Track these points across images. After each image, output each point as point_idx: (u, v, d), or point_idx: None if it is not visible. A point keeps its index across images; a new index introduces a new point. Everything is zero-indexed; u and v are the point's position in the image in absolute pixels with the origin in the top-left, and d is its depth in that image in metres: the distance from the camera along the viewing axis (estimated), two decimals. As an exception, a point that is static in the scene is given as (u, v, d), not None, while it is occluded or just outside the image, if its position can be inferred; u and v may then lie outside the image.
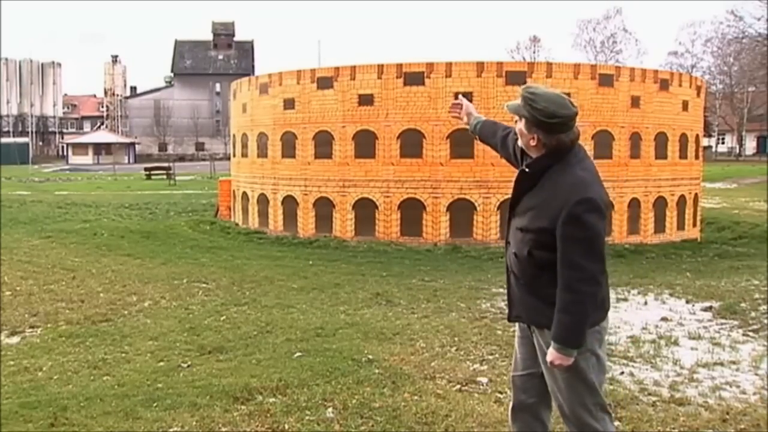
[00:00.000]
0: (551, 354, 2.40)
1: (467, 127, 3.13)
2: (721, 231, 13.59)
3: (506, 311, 2.81)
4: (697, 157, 13.02)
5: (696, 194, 13.00)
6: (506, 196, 2.37)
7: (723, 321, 6.03)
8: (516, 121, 2.51)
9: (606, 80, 11.26)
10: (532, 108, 2.40)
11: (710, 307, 6.53)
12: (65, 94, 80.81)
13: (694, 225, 12.96)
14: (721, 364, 4.72)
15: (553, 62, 12.32)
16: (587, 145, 10.76)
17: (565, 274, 2.36)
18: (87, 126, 78.16)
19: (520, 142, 2.57)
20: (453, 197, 10.95)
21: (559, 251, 2.38)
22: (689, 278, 8.29)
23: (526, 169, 2.52)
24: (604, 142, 11.18)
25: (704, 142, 21.10)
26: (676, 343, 5.28)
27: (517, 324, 2.74)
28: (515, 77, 10.79)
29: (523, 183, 2.54)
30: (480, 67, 10.88)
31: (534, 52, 61.20)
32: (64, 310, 6.20)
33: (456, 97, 3.30)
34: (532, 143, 2.45)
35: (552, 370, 2.46)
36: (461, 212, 10.92)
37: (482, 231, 10.89)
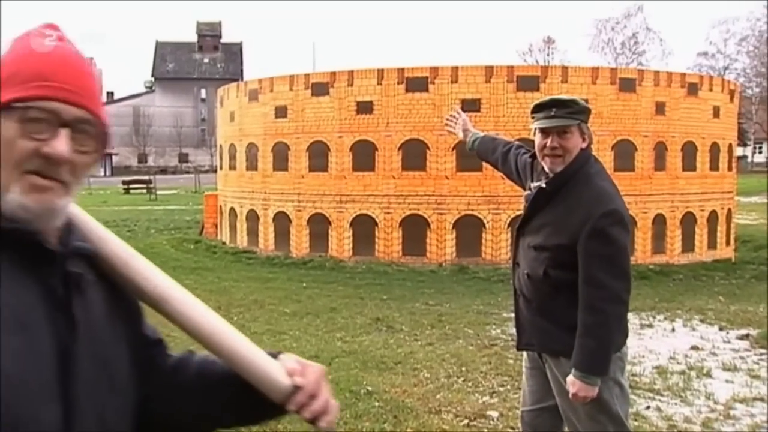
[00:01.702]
0: (574, 384, 2.40)
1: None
2: (758, 250, 13.56)
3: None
4: (730, 168, 13.06)
5: (729, 209, 13.02)
6: (517, 212, 2.40)
7: (762, 351, 6.01)
8: (553, 136, 2.52)
9: (627, 85, 11.35)
10: (582, 107, 2.56)
11: (747, 335, 6.52)
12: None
13: (728, 243, 12.96)
14: (761, 399, 4.70)
15: (569, 66, 12.42)
16: (607, 156, 10.83)
17: (588, 293, 2.39)
18: (59, 135, 78.62)
19: (540, 155, 2.59)
20: (459, 213, 10.99)
21: (581, 268, 2.40)
22: (722, 302, 8.29)
23: (545, 186, 2.55)
24: (625, 152, 11.23)
25: (738, 151, 21.14)
26: (708, 374, 5.28)
27: (525, 353, 2.76)
28: (527, 82, 10.88)
29: (538, 200, 2.58)
30: (489, 71, 10.98)
31: (548, 55, 61.60)
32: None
33: (462, 105, 3.38)
34: (584, 144, 2.56)
35: (571, 401, 2.47)
36: (468, 230, 10.95)
37: (491, 250, 10.91)
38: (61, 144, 0.87)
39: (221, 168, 14.70)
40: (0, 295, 0.84)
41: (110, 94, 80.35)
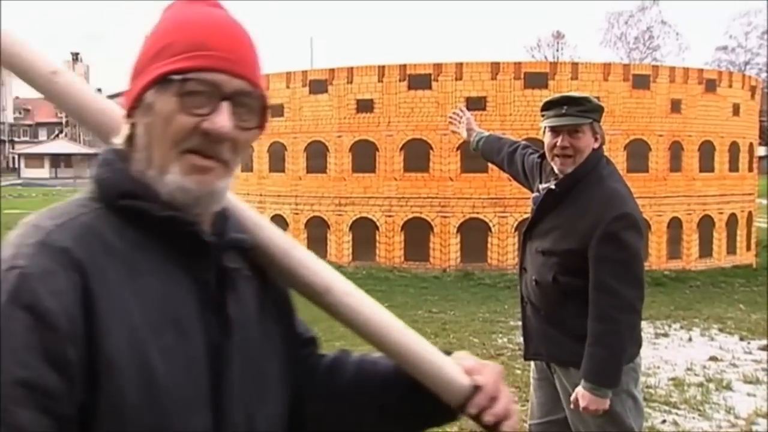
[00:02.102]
0: (583, 396, 2.40)
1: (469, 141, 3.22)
2: (779, 255, 13.56)
3: (526, 348, 2.83)
4: (750, 169, 13.05)
5: (750, 212, 13.02)
6: (525, 215, 2.43)
7: (784, 362, 6.01)
8: (563, 135, 2.52)
9: (641, 81, 11.36)
10: (595, 105, 2.56)
11: (769, 346, 6.52)
12: (16, 97, 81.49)
13: (748, 248, 12.95)
14: (784, 413, 4.70)
15: (579, 62, 12.46)
16: (619, 156, 10.83)
17: (599, 300, 2.39)
18: (43, 134, 78.77)
19: (549, 155, 2.60)
20: (464, 216, 10.99)
21: (592, 275, 2.41)
22: (743, 311, 8.28)
23: (554, 188, 2.55)
24: (639, 152, 11.24)
25: (760, 151, 21.05)
26: (728, 387, 5.27)
27: (533, 363, 2.76)
28: (535, 79, 10.89)
29: (546, 203, 2.58)
30: (495, 67, 11.00)
31: (557, 50, 61.56)
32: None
33: (467, 103, 3.40)
34: (595, 144, 2.56)
35: (581, 414, 2.47)
36: (474, 234, 10.96)
37: (498, 255, 10.91)
38: (223, 119, 0.83)
39: (214, 169, 14.73)
40: (153, 287, 0.80)
41: (98, 90, 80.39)
